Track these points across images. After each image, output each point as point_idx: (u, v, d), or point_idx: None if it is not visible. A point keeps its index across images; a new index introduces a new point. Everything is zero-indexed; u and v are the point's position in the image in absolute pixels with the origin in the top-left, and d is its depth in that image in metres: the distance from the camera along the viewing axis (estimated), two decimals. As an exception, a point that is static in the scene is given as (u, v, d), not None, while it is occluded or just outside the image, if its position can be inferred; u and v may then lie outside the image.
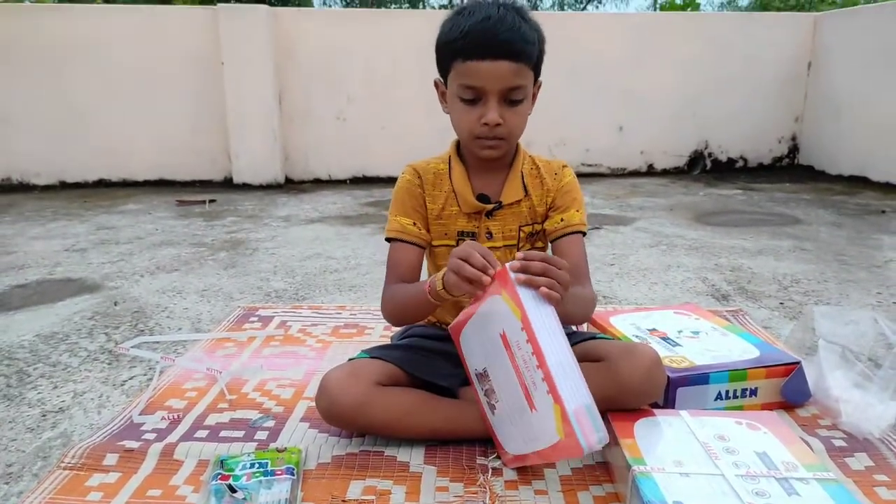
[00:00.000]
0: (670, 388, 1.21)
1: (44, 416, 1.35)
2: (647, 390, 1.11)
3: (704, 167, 5.43)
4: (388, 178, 5.03)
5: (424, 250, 1.30)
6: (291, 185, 4.97)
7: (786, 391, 1.28)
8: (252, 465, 1.05)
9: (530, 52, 1.12)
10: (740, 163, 5.48)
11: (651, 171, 5.41)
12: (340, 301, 2.12)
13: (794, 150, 5.49)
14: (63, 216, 3.75)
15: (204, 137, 4.86)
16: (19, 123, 4.68)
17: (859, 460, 1.12)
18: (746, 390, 1.27)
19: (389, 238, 1.29)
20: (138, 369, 1.58)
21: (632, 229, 3.25)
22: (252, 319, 1.90)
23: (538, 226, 1.29)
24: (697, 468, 0.94)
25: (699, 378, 1.24)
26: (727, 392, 1.26)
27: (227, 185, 4.92)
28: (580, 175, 1.36)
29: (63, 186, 4.82)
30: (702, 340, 1.41)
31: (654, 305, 2.02)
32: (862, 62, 4.68)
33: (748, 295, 2.14)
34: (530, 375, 0.98)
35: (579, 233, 1.27)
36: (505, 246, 1.28)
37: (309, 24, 4.86)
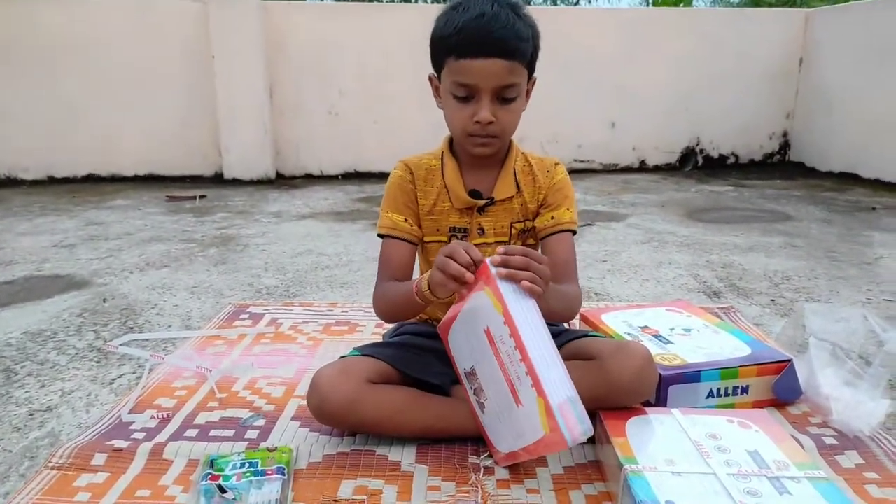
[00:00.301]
0: (662, 385, 1.21)
1: (31, 415, 1.34)
2: (638, 389, 1.11)
3: (696, 163, 5.45)
4: (380, 173, 5.01)
5: (416, 246, 1.30)
6: (282, 180, 4.95)
7: (777, 389, 1.29)
8: (242, 465, 1.04)
9: (524, 49, 1.11)
10: (732, 159, 5.50)
11: (643, 167, 5.42)
12: (332, 298, 2.11)
13: (785, 146, 5.51)
14: (51, 211, 3.71)
15: (194, 132, 4.83)
16: (7, 117, 4.62)
17: (850, 458, 1.12)
18: (738, 388, 1.27)
19: (381, 234, 1.29)
20: (127, 367, 1.56)
21: (624, 226, 3.26)
22: (243, 317, 1.88)
23: (530, 223, 1.29)
24: (689, 467, 0.94)
25: (691, 376, 1.24)
26: (719, 390, 1.26)
27: (218, 180, 4.89)
28: (572, 171, 1.35)
29: (51, 181, 4.77)
30: (693, 338, 1.41)
31: (646, 302, 2.02)
32: (853, 58, 4.70)
33: (739, 292, 2.14)
34: (514, 370, 0.97)
35: (569, 231, 1.27)
36: (497, 242, 1.27)
37: (300, 17, 4.82)
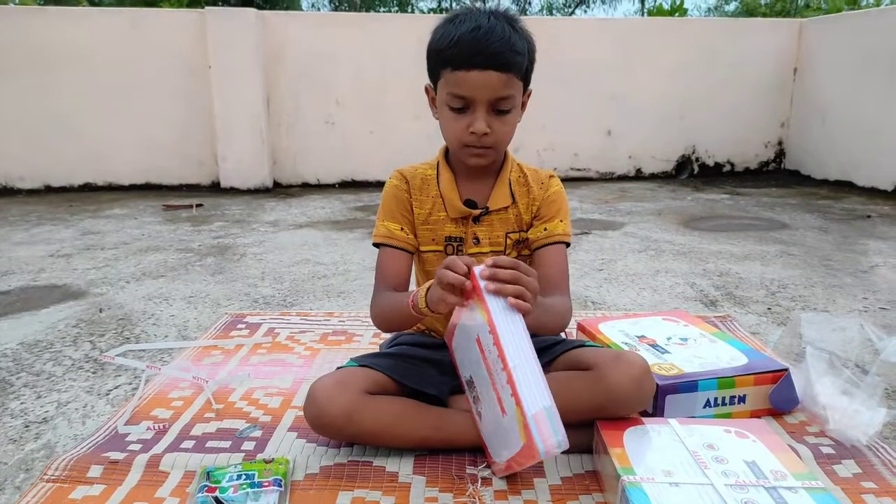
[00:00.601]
0: (659, 395, 1.21)
1: (27, 426, 1.33)
2: (636, 398, 1.11)
3: (692, 172, 5.47)
4: (376, 182, 5.02)
5: (413, 255, 1.30)
6: (279, 190, 4.95)
7: (774, 398, 1.29)
8: (239, 477, 1.04)
9: (520, 62, 1.12)
10: (727, 167, 5.52)
11: (639, 176, 5.44)
12: (329, 307, 2.11)
13: (780, 154, 5.54)
14: (48, 221, 3.70)
15: (191, 141, 4.83)
16: (3, 126, 4.61)
17: (847, 467, 1.12)
18: (735, 397, 1.27)
19: (377, 243, 1.30)
20: (123, 378, 1.56)
21: (620, 234, 3.27)
22: (240, 326, 1.88)
23: (524, 233, 1.29)
24: (687, 478, 0.94)
25: (688, 386, 1.24)
26: (716, 399, 1.26)
27: (215, 189, 4.89)
28: (569, 179, 1.36)
29: (48, 190, 4.77)
30: (690, 347, 1.41)
31: (643, 311, 2.03)
32: (847, 67, 4.73)
33: (736, 300, 2.15)
34: (499, 379, 0.98)
35: (562, 243, 1.28)
36: (492, 251, 1.28)
37: (297, 28, 4.84)
